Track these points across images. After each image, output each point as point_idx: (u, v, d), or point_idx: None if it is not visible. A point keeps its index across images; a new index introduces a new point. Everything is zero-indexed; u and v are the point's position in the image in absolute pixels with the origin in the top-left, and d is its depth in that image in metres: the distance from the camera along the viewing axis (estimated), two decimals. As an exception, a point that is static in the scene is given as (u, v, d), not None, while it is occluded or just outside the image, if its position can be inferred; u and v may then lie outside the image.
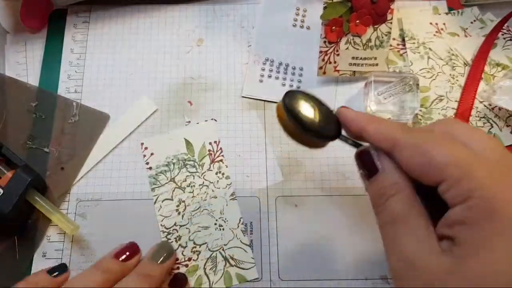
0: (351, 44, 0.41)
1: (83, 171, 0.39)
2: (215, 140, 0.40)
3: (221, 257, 0.36)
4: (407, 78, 0.39)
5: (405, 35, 0.44)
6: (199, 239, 0.37)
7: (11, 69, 0.44)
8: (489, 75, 0.42)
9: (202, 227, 0.37)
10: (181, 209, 0.38)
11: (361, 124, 0.26)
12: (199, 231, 0.37)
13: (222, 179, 0.39)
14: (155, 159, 0.39)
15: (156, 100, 0.42)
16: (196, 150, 0.40)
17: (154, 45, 0.44)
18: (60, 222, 0.36)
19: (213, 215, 0.37)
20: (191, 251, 0.36)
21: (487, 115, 0.41)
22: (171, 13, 0.46)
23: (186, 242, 0.36)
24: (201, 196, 0.38)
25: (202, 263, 0.36)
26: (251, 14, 0.46)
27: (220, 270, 0.35)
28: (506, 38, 0.43)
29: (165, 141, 0.40)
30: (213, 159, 0.39)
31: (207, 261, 0.36)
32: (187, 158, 0.39)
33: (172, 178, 0.39)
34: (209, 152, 0.40)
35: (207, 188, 0.38)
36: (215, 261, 0.36)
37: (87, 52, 0.44)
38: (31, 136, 0.40)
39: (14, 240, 0.37)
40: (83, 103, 0.42)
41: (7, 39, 0.45)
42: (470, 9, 0.45)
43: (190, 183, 0.38)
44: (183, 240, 0.36)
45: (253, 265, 0.36)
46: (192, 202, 0.38)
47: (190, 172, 0.39)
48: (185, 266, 0.36)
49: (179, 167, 0.39)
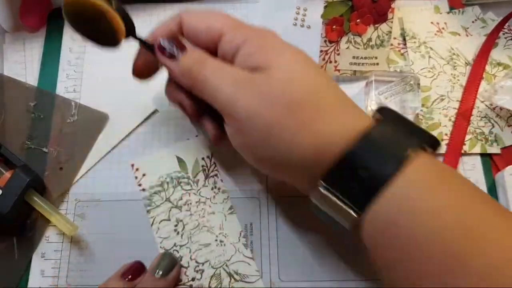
0: (352, 43, 0.41)
1: (82, 171, 0.39)
2: (208, 155, 0.39)
3: (225, 274, 0.35)
4: (408, 77, 0.39)
5: (406, 34, 0.44)
6: (201, 257, 0.36)
7: (9, 69, 0.43)
8: (490, 74, 0.42)
9: (203, 245, 0.36)
10: (179, 229, 0.37)
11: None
12: (200, 249, 0.36)
13: (218, 193, 0.38)
14: (147, 180, 0.38)
15: (156, 100, 0.42)
16: (189, 167, 0.39)
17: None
18: (59, 222, 0.35)
19: (213, 231, 0.37)
20: (194, 271, 0.35)
21: (489, 114, 0.40)
22: (170, 12, 0.46)
23: (188, 262, 0.36)
24: (199, 213, 0.37)
25: (206, 282, 0.35)
26: (251, 14, 0.45)
27: (226, 287, 0.35)
28: (508, 38, 0.43)
29: (156, 161, 0.39)
30: (208, 174, 0.39)
31: (211, 279, 0.35)
32: (180, 176, 0.38)
33: (167, 198, 0.38)
34: (202, 167, 0.39)
35: (204, 204, 0.37)
36: (219, 278, 0.35)
37: (86, 51, 0.44)
38: (29, 136, 0.40)
39: (12, 241, 0.37)
40: (82, 103, 0.42)
41: (6, 38, 0.45)
42: (471, 8, 0.45)
43: (187, 201, 0.37)
44: (185, 261, 0.36)
45: (258, 277, 0.35)
46: (190, 220, 0.37)
47: (185, 190, 0.38)
48: (189, 287, 0.35)
49: (173, 185, 0.38)
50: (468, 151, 0.39)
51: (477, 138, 0.40)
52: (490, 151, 0.39)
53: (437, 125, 0.40)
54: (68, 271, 0.36)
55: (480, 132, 0.40)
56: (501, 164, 0.39)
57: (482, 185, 0.38)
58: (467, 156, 0.39)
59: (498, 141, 0.39)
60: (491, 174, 0.39)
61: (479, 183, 0.38)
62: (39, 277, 0.36)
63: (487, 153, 0.39)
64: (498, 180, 0.38)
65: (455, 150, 0.39)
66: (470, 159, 0.39)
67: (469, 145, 0.39)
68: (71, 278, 0.36)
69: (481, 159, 0.39)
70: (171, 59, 0.30)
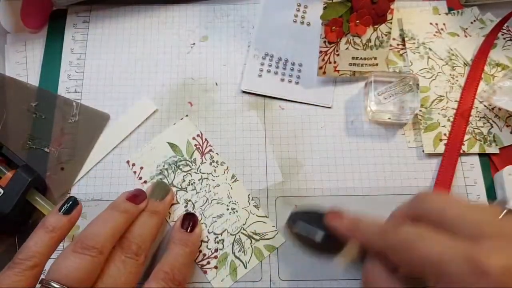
0: (351, 44, 0.41)
1: (83, 171, 0.39)
2: (197, 133, 0.40)
3: (244, 237, 0.37)
4: (407, 78, 0.39)
5: (405, 35, 0.44)
6: (217, 228, 0.37)
7: (11, 69, 0.44)
8: (489, 75, 0.42)
9: (217, 217, 0.38)
10: (190, 208, 0.38)
11: (349, 234, 0.32)
12: (215, 222, 0.37)
13: (218, 166, 0.39)
14: (146, 171, 0.39)
15: (156, 100, 0.42)
16: (182, 149, 0.40)
17: (154, 45, 0.44)
18: (60, 222, 0.36)
19: (223, 202, 0.38)
20: (215, 242, 0.37)
21: (487, 115, 0.41)
22: (171, 13, 0.46)
23: (207, 236, 0.37)
24: (205, 189, 0.38)
25: (229, 249, 0.36)
26: (251, 14, 0.46)
27: (249, 248, 0.36)
28: (506, 38, 0.44)
29: (150, 152, 0.40)
30: (203, 152, 0.40)
31: (233, 245, 0.37)
32: (177, 159, 0.39)
33: (171, 183, 0.39)
34: (196, 146, 0.40)
35: (207, 180, 0.39)
36: (240, 242, 0.37)
37: (87, 52, 0.44)
38: (31, 136, 0.40)
39: (14, 240, 0.37)
40: (83, 103, 0.42)
41: (7, 39, 0.45)
42: (470, 9, 0.45)
43: (190, 181, 0.39)
44: (204, 235, 0.37)
45: (276, 232, 0.37)
46: (198, 198, 0.38)
47: (185, 172, 0.39)
48: (214, 258, 0.36)
49: (173, 170, 0.39)
50: (467, 151, 0.39)
51: (475, 138, 0.40)
52: (489, 151, 0.39)
53: (436, 125, 0.40)
54: (69, 270, 0.36)
55: (478, 132, 0.40)
56: (500, 164, 0.39)
57: (481, 185, 0.38)
58: (465, 156, 0.40)
59: (497, 141, 0.40)
60: (490, 174, 0.39)
61: (478, 183, 0.39)
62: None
63: (486, 153, 0.39)
64: (496, 180, 0.38)
65: (454, 150, 0.39)
66: (469, 159, 0.39)
67: (468, 145, 0.39)
68: (72, 277, 0.36)
69: (480, 159, 0.39)
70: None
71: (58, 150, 0.40)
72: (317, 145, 0.40)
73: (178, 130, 0.41)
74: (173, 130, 0.41)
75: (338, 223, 0.32)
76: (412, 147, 0.40)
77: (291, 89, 0.42)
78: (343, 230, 0.32)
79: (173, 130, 0.41)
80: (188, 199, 0.38)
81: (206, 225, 0.37)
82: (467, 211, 0.26)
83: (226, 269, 0.36)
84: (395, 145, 0.40)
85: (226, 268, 0.36)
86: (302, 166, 0.39)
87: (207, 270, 0.36)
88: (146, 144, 0.40)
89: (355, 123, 0.41)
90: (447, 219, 0.27)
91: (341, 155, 0.40)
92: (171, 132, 0.41)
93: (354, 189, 0.38)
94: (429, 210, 0.28)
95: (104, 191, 0.39)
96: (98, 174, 0.39)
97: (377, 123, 0.41)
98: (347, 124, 0.41)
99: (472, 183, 0.39)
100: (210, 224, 0.37)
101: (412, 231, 0.27)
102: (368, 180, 0.39)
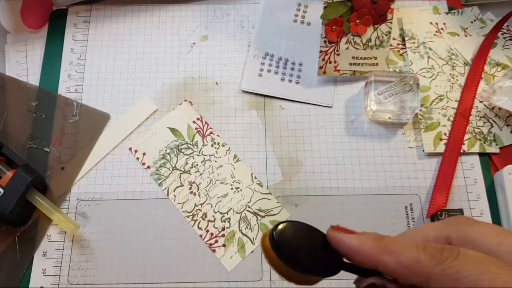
0: (351, 43, 0.41)
1: (84, 171, 0.39)
2: (197, 117, 0.41)
3: (250, 214, 0.37)
4: (407, 77, 0.39)
5: (405, 34, 0.44)
6: (223, 208, 0.38)
7: (11, 69, 0.44)
8: (489, 74, 0.42)
9: (221, 196, 0.38)
10: (194, 190, 0.38)
11: (373, 257, 0.23)
12: (221, 201, 0.38)
13: (219, 148, 0.40)
14: (149, 157, 0.40)
15: (156, 100, 0.42)
16: (183, 133, 0.40)
17: (155, 45, 0.44)
18: (60, 221, 0.36)
19: (226, 182, 0.39)
20: (222, 221, 0.37)
21: (487, 114, 0.41)
22: (171, 13, 0.46)
23: (213, 215, 0.37)
24: (208, 171, 0.39)
25: (236, 226, 0.37)
26: (251, 14, 0.46)
27: (255, 225, 0.37)
28: (506, 38, 0.44)
29: (151, 138, 0.40)
30: (204, 134, 0.40)
31: (239, 223, 0.37)
32: (178, 143, 0.40)
33: (174, 166, 0.39)
34: (196, 130, 0.40)
35: (209, 161, 0.39)
36: (246, 220, 0.37)
37: (87, 51, 0.44)
38: (31, 135, 0.40)
39: (14, 240, 0.37)
40: (83, 103, 0.42)
41: (8, 39, 0.45)
42: (470, 8, 0.45)
43: (193, 164, 0.39)
44: (210, 215, 0.38)
45: (281, 208, 0.38)
46: (202, 179, 0.39)
47: (187, 155, 0.40)
48: (222, 237, 0.37)
49: (175, 154, 0.40)
50: (467, 150, 0.39)
51: (476, 138, 0.40)
52: (489, 151, 0.39)
53: (436, 124, 0.40)
54: (69, 270, 0.36)
55: (479, 132, 0.40)
56: (500, 164, 0.39)
57: (481, 184, 0.38)
58: (466, 156, 0.40)
59: (497, 140, 0.40)
60: (490, 174, 0.39)
61: (478, 182, 0.39)
62: (40, 276, 0.36)
63: (486, 152, 0.39)
64: (496, 179, 0.38)
65: (454, 149, 0.39)
66: (469, 159, 0.39)
67: (468, 144, 0.39)
68: (72, 277, 0.36)
69: (480, 158, 0.39)
70: None
71: (58, 149, 0.40)
72: (317, 145, 0.40)
73: (178, 115, 0.41)
74: (173, 115, 0.41)
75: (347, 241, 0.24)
76: (412, 147, 0.40)
77: (291, 89, 0.42)
78: (367, 250, 0.23)
79: (173, 115, 0.41)
80: (192, 181, 0.39)
81: (211, 205, 0.38)
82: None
83: (234, 246, 0.36)
84: (395, 145, 0.40)
85: (234, 246, 0.36)
86: (302, 165, 0.39)
87: (215, 248, 0.36)
88: (147, 130, 0.41)
89: (355, 122, 0.41)
90: (503, 253, 0.21)
91: (341, 155, 0.40)
92: (171, 117, 0.41)
93: (354, 188, 0.38)
94: (482, 241, 0.22)
95: (104, 190, 0.39)
96: (98, 174, 0.39)
97: (377, 122, 0.41)
98: (347, 123, 0.41)
99: (472, 182, 0.39)
100: (215, 204, 0.38)
101: (475, 260, 0.20)
102: (368, 179, 0.39)
